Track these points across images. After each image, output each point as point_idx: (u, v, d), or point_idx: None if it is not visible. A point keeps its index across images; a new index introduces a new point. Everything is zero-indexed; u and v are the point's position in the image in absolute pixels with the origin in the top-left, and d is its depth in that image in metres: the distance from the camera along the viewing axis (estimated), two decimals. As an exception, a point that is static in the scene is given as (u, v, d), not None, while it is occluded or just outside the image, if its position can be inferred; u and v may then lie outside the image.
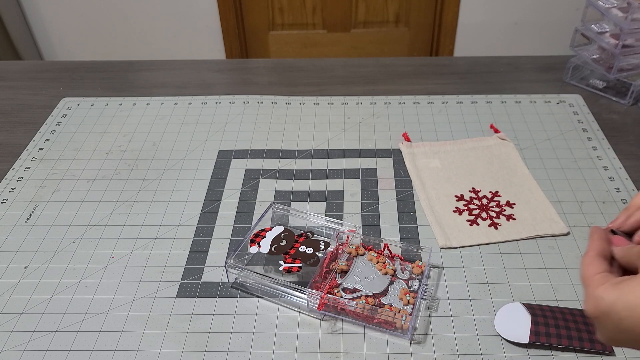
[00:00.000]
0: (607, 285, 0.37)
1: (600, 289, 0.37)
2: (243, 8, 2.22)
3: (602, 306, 0.36)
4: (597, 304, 0.36)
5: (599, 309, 0.36)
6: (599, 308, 0.36)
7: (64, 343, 0.56)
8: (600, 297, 0.36)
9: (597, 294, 0.37)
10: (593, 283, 0.38)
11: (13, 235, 0.69)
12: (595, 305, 0.37)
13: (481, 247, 0.66)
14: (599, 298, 0.36)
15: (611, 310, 0.36)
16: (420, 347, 0.55)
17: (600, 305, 0.36)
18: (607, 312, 0.36)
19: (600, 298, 0.36)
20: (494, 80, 0.99)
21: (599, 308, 0.36)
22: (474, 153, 0.80)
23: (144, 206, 0.73)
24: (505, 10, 2.13)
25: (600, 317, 0.37)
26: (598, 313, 0.37)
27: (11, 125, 0.90)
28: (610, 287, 0.36)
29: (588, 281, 0.38)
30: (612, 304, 0.35)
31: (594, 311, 0.37)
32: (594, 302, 0.37)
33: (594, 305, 0.37)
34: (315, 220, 0.68)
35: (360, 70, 1.03)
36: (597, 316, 0.37)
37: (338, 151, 0.82)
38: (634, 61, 0.89)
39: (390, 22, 2.28)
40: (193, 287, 0.62)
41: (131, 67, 1.06)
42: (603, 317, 0.36)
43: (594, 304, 0.37)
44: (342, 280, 0.60)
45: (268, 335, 0.56)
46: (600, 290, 0.37)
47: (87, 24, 2.23)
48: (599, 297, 0.36)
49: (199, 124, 0.88)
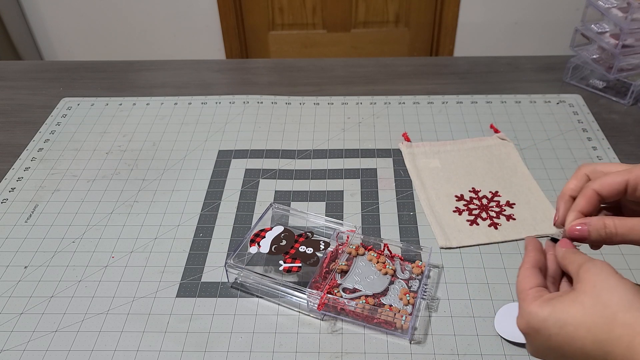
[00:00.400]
0: (540, 301, 0.37)
1: (534, 304, 0.37)
2: (243, 8, 2.22)
3: (534, 322, 0.36)
4: (529, 320, 0.37)
5: (530, 325, 0.37)
6: (531, 324, 0.36)
7: (64, 343, 0.56)
8: (533, 313, 0.36)
9: (530, 310, 0.37)
10: (527, 298, 0.38)
11: (13, 235, 0.69)
12: (528, 321, 0.37)
13: (481, 247, 0.66)
14: (532, 314, 0.36)
15: (542, 327, 0.36)
16: (420, 347, 0.55)
17: (532, 321, 0.36)
18: (538, 329, 0.36)
19: (534, 314, 0.36)
20: (494, 80, 0.99)
21: (530, 324, 0.37)
22: (474, 153, 0.80)
23: (144, 206, 0.73)
24: (505, 10, 2.13)
25: (530, 333, 0.37)
26: (529, 329, 0.37)
27: (11, 125, 0.90)
28: (543, 303, 0.36)
29: (522, 295, 0.38)
30: (543, 321, 0.36)
31: (525, 326, 0.37)
32: (527, 317, 0.37)
33: (526, 320, 0.37)
34: (315, 220, 0.68)
35: (360, 70, 1.03)
36: (527, 332, 0.37)
37: (338, 151, 0.82)
38: (634, 61, 0.89)
39: (390, 22, 2.28)
40: (193, 287, 0.62)
41: (131, 67, 1.06)
42: (533, 333, 0.37)
43: (526, 319, 0.37)
44: (342, 280, 0.60)
45: (268, 335, 0.56)
46: (534, 306, 0.37)
47: (87, 24, 2.24)
48: (532, 313, 0.36)
49: (199, 124, 0.88)
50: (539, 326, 0.36)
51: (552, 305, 0.36)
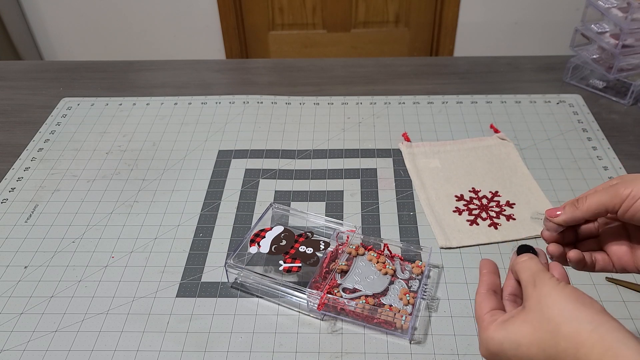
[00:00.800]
0: (495, 324, 0.37)
1: (490, 329, 0.37)
2: (243, 8, 2.22)
3: (492, 347, 0.37)
4: (488, 345, 0.37)
5: (489, 350, 0.37)
6: (490, 349, 0.37)
7: (64, 343, 0.56)
8: (490, 338, 0.37)
9: (487, 335, 0.37)
10: (483, 323, 0.38)
11: (13, 235, 0.69)
12: (486, 347, 0.37)
13: (481, 247, 0.66)
14: (489, 339, 0.37)
15: (499, 350, 0.36)
16: (420, 347, 0.55)
17: (490, 346, 0.37)
18: (496, 353, 0.37)
19: (490, 338, 0.37)
20: (494, 80, 0.99)
21: (489, 349, 0.37)
22: (474, 153, 0.80)
23: (143, 206, 0.73)
24: (505, 10, 2.13)
25: (492, 357, 0.37)
26: (489, 354, 0.37)
27: (11, 125, 0.90)
28: (498, 327, 0.37)
29: (479, 321, 0.39)
30: (499, 344, 0.36)
31: (485, 353, 0.38)
32: (485, 343, 0.37)
33: (485, 346, 0.37)
34: (315, 220, 0.68)
35: (360, 70, 1.03)
36: (488, 358, 0.38)
37: (338, 151, 0.82)
38: (634, 61, 0.89)
39: (390, 22, 2.28)
40: (193, 287, 0.62)
41: (131, 67, 1.06)
42: (494, 357, 0.37)
43: (485, 345, 0.37)
44: (342, 280, 0.60)
45: (268, 335, 0.56)
46: (490, 330, 0.37)
47: (87, 24, 2.23)
48: (489, 338, 0.37)
49: (199, 124, 0.88)
50: (496, 350, 0.36)
51: (505, 328, 0.36)
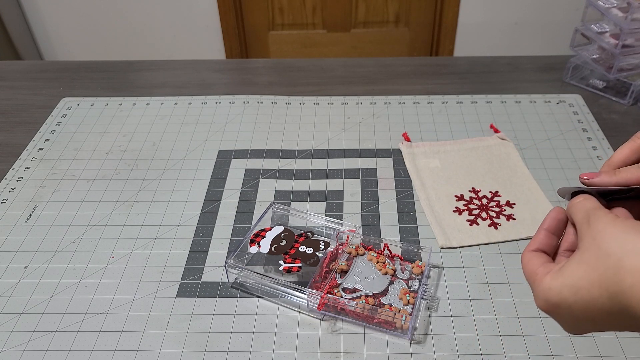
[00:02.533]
0: (551, 274, 0.34)
1: (546, 279, 0.34)
2: (243, 8, 2.22)
3: (552, 298, 0.33)
4: (547, 297, 0.34)
5: (549, 301, 0.34)
6: (549, 301, 0.34)
7: (64, 343, 0.56)
8: (547, 289, 0.34)
9: (544, 286, 0.34)
10: (537, 276, 0.35)
11: (13, 235, 0.69)
12: (546, 299, 0.34)
13: (481, 247, 0.66)
14: (547, 289, 0.34)
15: (560, 300, 0.33)
16: (420, 347, 0.55)
17: (549, 297, 0.33)
18: (558, 303, 0.33)
19: (548, 289, 0.33)
20: (494, 80, 0.99)
21: (549, 301, 0.34)
22: (474, 153, 0.80)
23: (144, 206, 0.73)
24: (505, 10, 2.13)
25: (553, 310, 0.34)
26: (549, 307, 0.34)
27: (11, 125, 0.90)
28: (554, 275, 0.34)
29: (533, 276, 0.36)
30: (559, 293, 0.33)
31: (544, 305, 0.34)
32: (543, 295, 0.34)
33: (544, 299, 0.34)
34: (315, 220, 0.68)
35: (360, 70, 1.03)
36: (550, 311, 0.34)
37: (338, 151, 0.82)
38: (634, 61, 0.89)
39: (390, 22, 2.28)
40: (193, 287, 0.62)
41: (131, 67, 1.06)
42: (556, 309, 0.34)
43: (543, 297, 0.34)
44: (342, 280, 0.60)
45: (268, 335, 0.56)
46: (546, 281, 0.34)
47: (87, 24, 2.24)
48: (547, 289, 0.34)
49: (199, 124, 0.88)
50: (557, 301, 0.33)
51: (562, 274, 0.33)
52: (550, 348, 0.54)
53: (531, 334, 0.56)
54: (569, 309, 0.33)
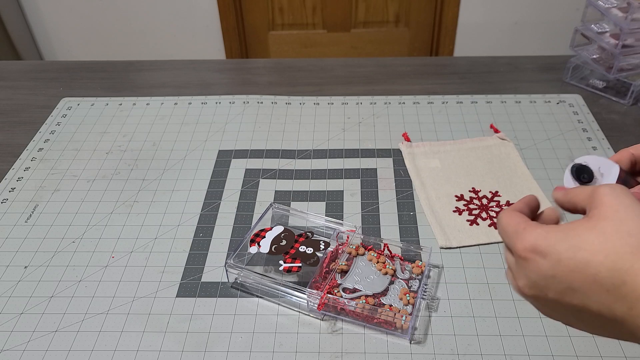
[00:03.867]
0: (547, 227, 0.33)
1: (540, 228, 0.33)
2: (243, 8, 2.22)
3: (542, 245, 0.32)
4: (536, 242, 0.32)
5: (537, 247, 0.32)
6: (538, 247, 0.32)
7: (64, 343, 0.56)
8: (541, 236, 0.32)
9: (537, 232, 0.33)
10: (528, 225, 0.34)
11: (13, 235, 0.69)
12: (533, 243, 0.32)
13: (481, 247, 0.66)
14: (540, 236, 0.32)
15: (552, 250, 0.32)
16: (420, 347, 0.55)
17: (539, 243, 0.32)
18: (546, 252, 0.32)
19: (542, 237, 0.32)
20: (494, 80, 0.99)
21: (537, 246, 0.32)
22: (474, 153, 0.80)
23: (144, 206, 0.73)
24: (505, 10, 2.13)
25: (533, 258, 0.32)
26: (533, 252, 0.32)
27: (11, 125, 0.90)
28: (551, 229, 0.32)
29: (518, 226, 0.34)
30: (554, 244, 0.32)
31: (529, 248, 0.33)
32: (533, 239, 0.32)
33: (531, 242, 0.32)
34: (315, 220, 0.68)
35: (360, 70, 1.03)
36: (528, 257, 0.33)
37: (338, 151, 0.82)
38: (634, 61, 0.89)
39: (390, 22, 2.28)
40: (193, 287, 0.62)
41: (131, 67, 1.06)
42: (539, 257, 0.32)
43: (532, 241, 0.32)
44: (342, 280, 0.60)
45: (268, 335, 0.56)
46: (541, 229, 0.33)
47: (87, 24, 2.24)
48: (540, 236, 0.32)
49: (199, 124, 0.88)
50: (547, 249, 0.32)
51: (564, 231, 0.32)
52: (550, 348, 0.54)
53: (531, 334, 0.56)
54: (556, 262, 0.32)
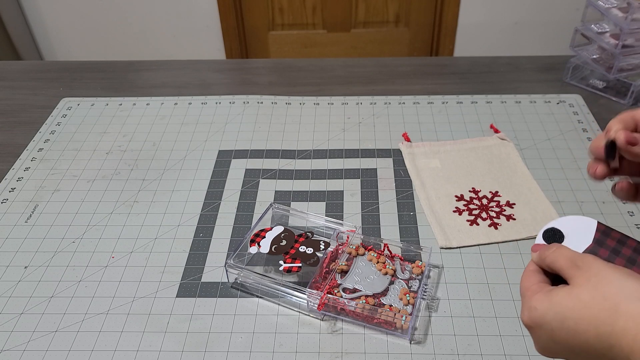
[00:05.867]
0: (540, 294, 0.36)
1: (534, 298, 0.36)
2: (243, 8, 2.22)
3: (535, 317, 0.36)
4: (531, 315, 0.36)
5: (533, 320, 0.36)
6: (533, 319, 0.36)
7: (64, 343, 0.56)
8: (533, 307, 0.36)
9: (530, 304, 0.36)
10: (528, 293, 0.37)
11: (13, 235, 0.69)
12: (529, 316, 0.36)
13: (481, 247, 0.66)
14: (533, 308, 0.36)
15: (543, 322, 0.35)
16: (420, 347, 0.55)
17: (533, 315, 0.36)
18: (540, 323, 0.36)
19: (534, 308, 0.36)
20: (494, 80, 0.99)
21: (532, 319, 0.36)
22: (474, 153, 0.80)
23: (144, 206, 0.73)
24: (505, 10, 2.13)
25: (534, 327, 0.36)
26: (532, 324, 0.36)
27: (11, 125, 0.90)
28: (542, 297, 0.36)
29: (524, 291, 0.38)
30: (543, 315, 0.35)
31: (528, 322, 0.37)
32: (528, 312, 0.36)
33: (528, 315, 0.37)
34: (315, 220, 0.68)
35: (360, 70, 1.03)
36: (531, 327, 0.37)
37: (338, 151, 0.82)
38: (634, 61, 0.89)
39: (390, 22, 2.28)
40: (193, 287, 0.62)
41: (131, 67, 1.06)
42: (537, 328, 0.36)
43: (527, 314, 0.37)
44: (342, 280, 0.60)
45: (268, 335, 0.56)
46: (534, 300, 0.36)
47: (87, 24, 2.24)
48: (532, 307, 0.36)
49: (199, 124, 0.88)
50: (540, 321, 0.35)
51: (550, 298, 0.35)
52: (550, 348, 0.54)
53: (531, 334, 0.56)
54: (551, 332, 0.35)
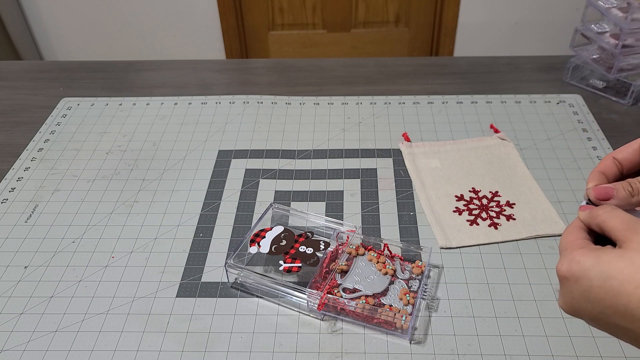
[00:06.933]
0: (586, 250, 0.35)
1: (578, 252, 0.36)
2: (243, 8, 2.22)
3: (576, 269, 0.35)
4: (571, 266, 0.35)
5: (571, 271, 0.35)
6: (572, 270, 0.35)
7: (64, 343, 0.56)
8: (576, 260, 0.35)
9: (573, 256, 0.35)
10: (573, 245, 0.37)
11: (13, 235, 0.69)
12: (569, 267, 0.35)
13: (481, 247, 0.66)
14: (575, 261, 0.35)
15: (583, 276, 0.34)
16: (420, 347, 0.55)
17: (573, 267, 0.35)
18: (579, 277, 0.35)
19: (576, 261, 0.35)
20: (494, 80, 0.99)
21: (571, 270, 0.35)
22: (474, 153, 0.80)
23: (144, 206, 0.73)
24: (505, 10, 2.13)
25: (570, 279, 0.35)
26: (569, 275, 0.35)
27: (11, 125, 0.90)
28: (588, 252, 0.35)
29: (566, 245, 0.37)
30: (586, 270, 0.34)
31: (565, 272, 0.36)
32: (569, 263, 0.36)
33: (567, 266, 0.36)
34: (315, 220, 0.68)
35: (360, 70, 1.03)
36: (567, 277, 0.36)
37: (338, 151, 0.82)
38: (634, 61, 0.89)
39: (390, 22, 2.28)
40: (193, 287, 0.62)
41: (131, 67, 1.06)
42: (573, 281, 0.35)
43: (567, 265, 0.36)
44: (342, 280, 0.60)
45: (268, 335, 0.56)
46: (578, 253, 0.35)
47: (87, 24, 2.24)
48: (574, 260, 0.35)
49: (199, 124, 0.88)
50: (580, 274, 0.35)
51: (597, 257, 0.34)
52: (550, 348, 0.54)
53: (531, 334, 0.56)
54: (588, 288, 0.34)
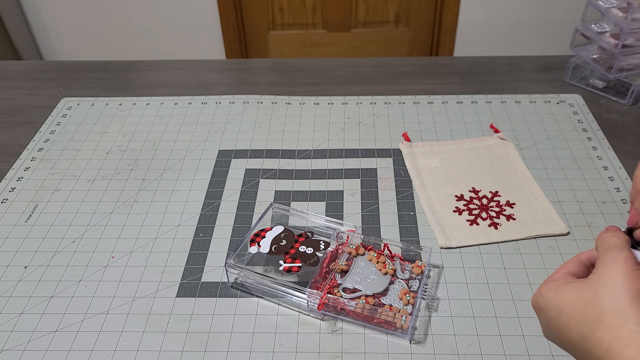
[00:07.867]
0: (553, 284, 0.38)
1: (546, 285, 0.38)
2: (243, 8, 2.22)
3: (539, 302, 0.38)
4: (536, 299, 0.38)
5: (536, 303, 0.38)
6: (537, 302, 0.38)
7: (64, 343, 0.56)
8: (541, 293, 0.38)
9: (540, 289, 0.38)
10: (548, 279, 0.39)
11: (13, 235, 0.69)
12: (535, 299, 0.38)
13: (481, 247, 0.66)
14: (539, 294, 0.38)
15: (544, 309, 0.37)
16: (420, 347, 0.55)
17: (538, 300, 0.38)
18: (541, 309, 0.37)
19: (541, 294, 0.37)
20: (494, 80, 0.99)
21: (536, 302, 0.38)
22: (474, 153, 0.80)
23: (144, 206, 0.73)
24: (505, 10, 2.13)
25: (536, 310, 0.38)
26: (534, 306, 0.38)
27: (11, 125, 0.90)
28: (552, 286, 0.37)
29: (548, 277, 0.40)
30: (545, 303, 0.37)
31: (532, 304, 0.39)
32: (536, 296, 0.38)
33: (534, 298, 0.38)
34: (315, 220, 0.68)
35: (360, 70, 1.03)
36: (534, 308, 0.39)
37: (338, 151, 0.82)
38: (634, 61, 0.89)
39: (390, 22, 2.27)
40: (193, 287, 0.62)
41: (131, 67, 1.06)
42: (538, 313, 0.38)
43: (534, 297, 0.38)
44: (342, 280, 0.60)
45: (268, 335, 0.56)
46: (545, 286, 0.38)
47: (87, 24, 2.23)
48: (540, 293, 0.38)
49: (199, 124, 0.88)
50: (542, 307, 0.37)
51: (557, 291, 0.36)
52: (550, 348, 0.54)
53: (531, 334, 0.56)
54: (548, 320, 0.37)
